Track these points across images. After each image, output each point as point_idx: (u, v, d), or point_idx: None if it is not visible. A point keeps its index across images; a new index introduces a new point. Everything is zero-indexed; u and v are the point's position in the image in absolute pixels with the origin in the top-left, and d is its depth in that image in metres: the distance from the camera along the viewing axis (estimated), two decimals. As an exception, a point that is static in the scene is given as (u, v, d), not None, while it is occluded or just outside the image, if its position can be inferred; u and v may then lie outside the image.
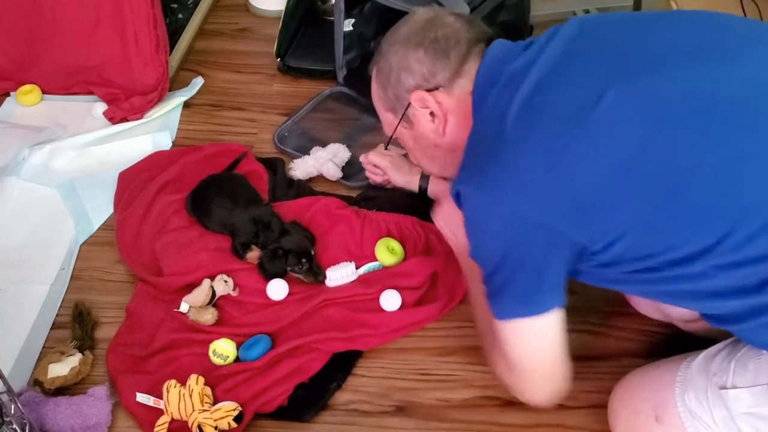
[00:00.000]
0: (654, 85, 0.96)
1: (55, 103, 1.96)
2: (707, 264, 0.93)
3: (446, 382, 1.33)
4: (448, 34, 1.12)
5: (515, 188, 0.97)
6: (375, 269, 1.49)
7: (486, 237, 1.04)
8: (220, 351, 1.34)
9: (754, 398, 0.98)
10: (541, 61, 1.02)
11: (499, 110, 1.02)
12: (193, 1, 2.26)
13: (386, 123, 1.25)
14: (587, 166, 0.94)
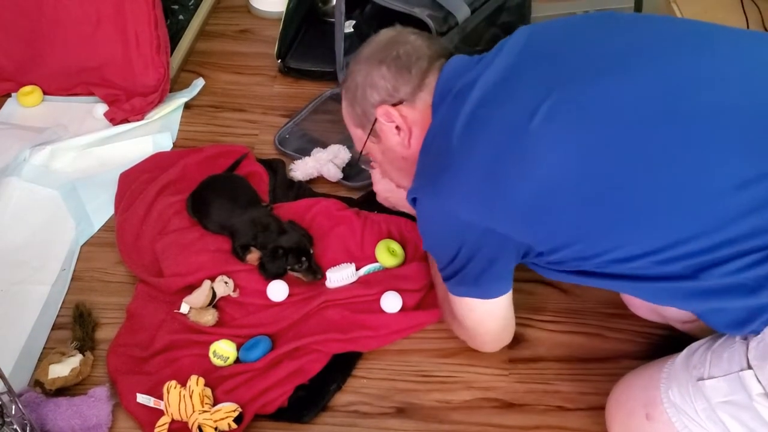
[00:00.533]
0: (587, 94, 1.00)
1: (56, 104, 1.96)
2: (648, 260, 0.98)
3: (446, 383, 1.33)
4: (410, 51, 1.18)
5: (462, 198, 1.05)
6: (375, 270, 1.49)
7: (437, 239, 1.15)
8: (221, 352, 1.34)
9: (729, 386, 1.00)
10: (487, 75, 1.08)
11: (448, 122, 1.08)
12: (194, 3, 2.26)
13: (357, 139, 1.29)
14: (525, 177, 1.00)
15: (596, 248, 1.02)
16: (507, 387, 1.32)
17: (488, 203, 1.04)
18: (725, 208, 0.93)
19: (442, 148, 1.09)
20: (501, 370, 1.34)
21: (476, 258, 1.11)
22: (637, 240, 0.98)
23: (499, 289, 1.17)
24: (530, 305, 1.44)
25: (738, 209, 0.93)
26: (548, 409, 1.29)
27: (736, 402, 0.99)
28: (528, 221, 1.03)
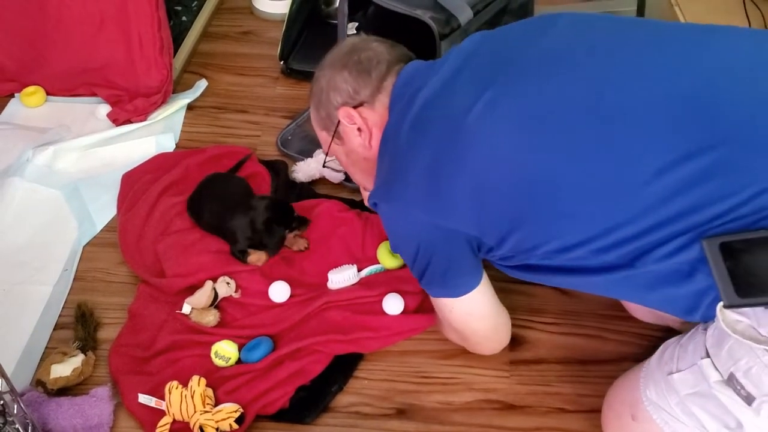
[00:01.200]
0: (522, 91, 1.04)
1: (59, 105, 1.96)
2: (585, 250, 1.02)
3: (447, 385, 1.33)
4: (371, 56, 1.22)
5: (411, 200, 1.11)
6: (377, 272, 1.49)
7: (399, 238, 1.22)
8: (222, 353, 1.34)
9: (694, 377, 1.02)
10: (434, 79, 1.13)
11: (397, 127, 1.14)
12: (197, 4, 2.27)
13: (322, 142, 1.32)
14: (461, 171, 1.05)
15: (534, 239, 1.06)
16: (508, 389, 1.32)
17: (434, 201, 1.09)
18: (647, 194, 0.95)
19: (392, 152, 1.15)
20: (502, 372, 1.34)
21: (435, 256, 1.16)
22: (570, 230, 1.02)
23: (466, 285, 1.19)
24: (531, 307, 1.45)
25: (659, 195, 0.95)
26: (549, 410, 1.29)
27: (701, 392, 1.01)
28: (470, 214, 1.08)
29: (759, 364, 0.93)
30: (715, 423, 1.00)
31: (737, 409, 0.96)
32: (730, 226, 0.92)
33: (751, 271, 0.92)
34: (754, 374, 0.93)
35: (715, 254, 0.92)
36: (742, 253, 0.91)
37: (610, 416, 1.20)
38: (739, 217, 0.92)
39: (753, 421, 0.95)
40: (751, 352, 0.94)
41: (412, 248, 1.17)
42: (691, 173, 0.93)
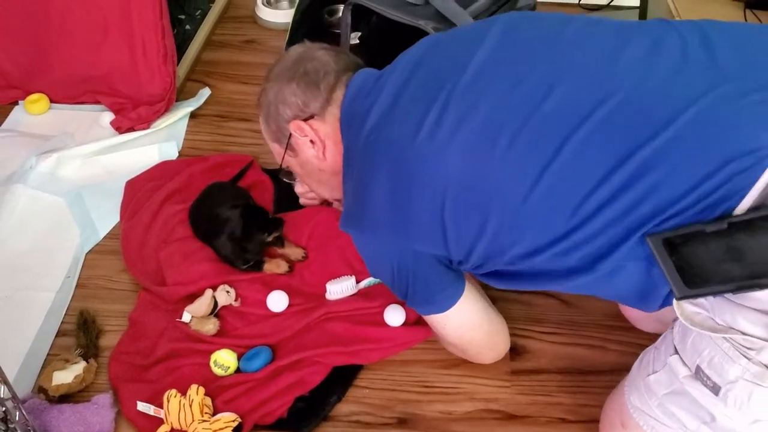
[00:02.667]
0: (466, 111, 1.03)
1: (63, 112, 1.97)
2: (548, 254, 1.02)
3: (449, 394, 1.33)
4: (317, 67, 1.22)
5: (379, 228, 1.13)
6: (375, 284, 1.48)
7: (374, 264, 1.23)
8: (222, 362, 1.34)
9: (668, 376, 1.04)
10: (383, 96, 1.12)
11: (352, 151, 1.16)
12: (200, 13, 2.28)
13: (275, 153, 1.33)
14: (423, 201, 1.06)
15: (497, 247, 1.06)
16: (509, 398, 1.32)
17: (401, 229, 1.11)
18: (593, 200, 0.96)
19: (354, 178, 1.16)
20: (503, 382, 1.34)
21: (412, 277, 1.17)
22: (529, 236, 1.03)
23: (449, 299, 1.20)
24: (532, 317, 1.45)
25: (603, 200, 0.96)
26: (550, 420, 1.30)
27: (676, 391, 1.02)
28: (436, 235, 1.08)
29: (719, 353, 0.95)
30: (694, 420, 1.01)
31: (707, 401, 0.98)
32: (672, 222, 0.93)
33: (694, 263, 0.93)
34: (717, 363, 0.95)
35: (661, 250, 0.94)
36: (682, 247, 0.93)
37: (605, 425, 1.22)
38: (679, 212, 0.93)
39: (722, 411, 0.97)
40: (711, 343, 0.96)
41: (388, 272, 1.19)
42: (626, 176, 0.94)
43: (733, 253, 0.90)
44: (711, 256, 0.91)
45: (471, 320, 1.26)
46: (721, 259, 0.91)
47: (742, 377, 0.93)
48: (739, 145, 0.89)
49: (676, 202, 0.92)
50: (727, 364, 0.94)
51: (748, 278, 0.89)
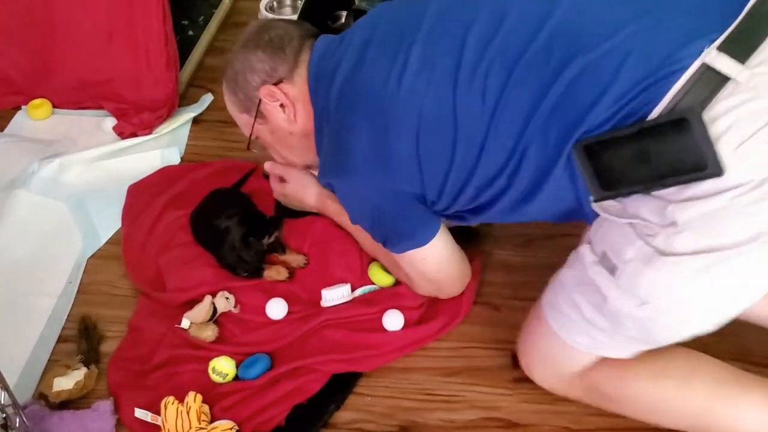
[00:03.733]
0: (430, 55, 1.12)
1: (66, 118, 1.97)
2: (504, 180, 1.14)
3: (450, 402, 1.33)
4: (281, 34, 1.29)
5: (360, 173, 1.22)
6: (371, 291, 1.48)
7: (354, 209, 1.31)
8: (220, 369, 1.34)
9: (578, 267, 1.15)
10: (348, 54, 1.20)
11: (325, 107, 1.23)
12: (203, 19, 2.28)
13: (243, 124, 1.38)
14: (401, 140, 1.15)
15: (464, 175, 1.16)
16: (511, 406, 1.32)
17: (382, 170, 1.19)
18: (533, 123, 1.08)
19: (329, 133, 1.23)
20: (505, 390, 1.34)
21: (392, 216, 1.27)
22: (490, 159, 1.13)
23: (429, 231, 1.29)
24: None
25: (541, 120, 1.07)
26: (553, 429, 1.29)
27: (581, 281, 1.12)
28: (414, 173, 1.18)
29: (623, 237, 1.06)
30: (590, 307, 1.11)
31: (603, 283, 1.08)
32: (595, 132, 1.03)
33: (609, 167, 1.04)
34: (618, 245, 1.07)
35: (582, 157, 1.05)
36: (600, 153, 1.03)
37: (524, 326, 1.31)
38: (601, 122, 1.03)
39: (615, 294, 1.07)
40: (617, 229, 1.07)
41: (368, 214, 1.29)
42: (557, 95, 1.05)
43: (642, 155, 1.00)
44: (623, 160, 1.02)
45: (447, 251, 1.34)
46: (632, 162, 1.01)
47: (634, 258, 1.04)
48: (655, 59, 1.00)
49: (598, 113, 1.02)
50: (626, 246, 1.05)
51: (655, 179, 1.00)
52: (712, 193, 0.97)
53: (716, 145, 0.95)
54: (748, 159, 0.95)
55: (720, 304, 1.04)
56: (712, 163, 0.95)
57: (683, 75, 0.98)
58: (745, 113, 0.95)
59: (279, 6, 2.37)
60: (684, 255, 1.00)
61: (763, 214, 0.96)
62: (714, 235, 0.98)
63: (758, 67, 0.96)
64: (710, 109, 0.96)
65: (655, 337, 1.11)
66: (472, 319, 1.44)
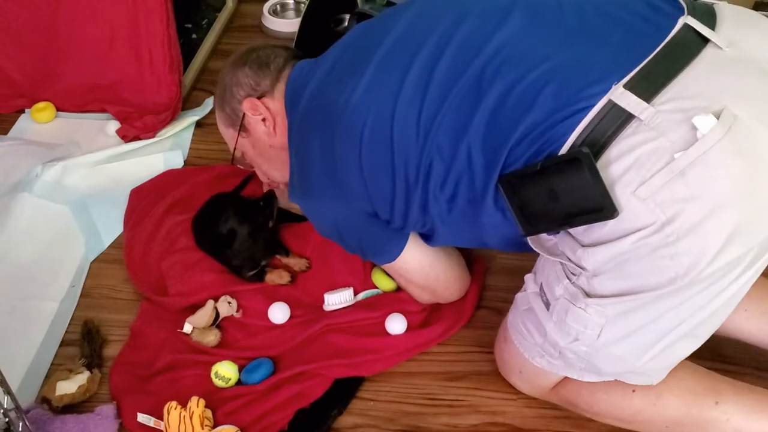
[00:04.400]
0: (382, 79, 1.14)
1: (69, 121, 1.97)
2: (442, 203, 1.14)
3: (454, 407, 1.32)
4: (268, 52, 1.35)
5: (317, 192, 1.25)
6: (373, 295, 1.48)
7: (321, 227, 1.35)
8: (222, 373, 1.34)
9: (526, 294, 1.18)
10: (318, 74, 1.24)
11: (293, 123, 1.26)
12: (207, 22, 2.29)
13: (229, 139, 1.41)
14: (347, 155, 1.17)
15: (407, 199, 1.17)
16: (515, 411, 1.31)
17: (333, 188, 1.22)
18: (462, 150, 1.09)
19: (295, 150, 1.27)
20: (509, 395, 1.33)
21: (357, 233, 1.30)
22: (420, 193, 1.15)
23: (397, 246, 1.31)
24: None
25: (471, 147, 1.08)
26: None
27: (529, 307, 1.15)
28: (361, 190, 1.19)
29: (553, 274, 1.08)
30: (538, 334, 1.13)
31: (543, 316, 1.11)
32: (514, 166, 1.04)
33: (528, 203, 1.04)
34: (550, 282, 1.09)
35: (507, 191, 1.05)
36: (520, 189, 1.04)
37: (497, 340, 1.33)
38: (516, 158, 1.03)
39: (551, 326, 1.09)
40: (551, 265, 1.09)
41: (335, 233, 1.32)
42: (483, 122, 1.05)
43: (551, 193, 1.00)
44: (538, 197, 1.02)
45: (428, 258, 1.34)
46: (545, 200, 1.02)
47: (563, 295, 1.06)
48: (566, 93, 1.00)
49: (514, 145, 1.03)
50: (555, 283, 1.07)
51: (564, 217, 1.00)
52: (616, 236, 0.96)
53: (615, 186, 0.95)
54: (648, 201, 0.93)
55: (651, 344, 1.05)
56: (607, 204, 0.94)
57: (590, 112, 0.97)
58: (646, 154, 0.94)
59: (282, 10, 2.38)
60: (606, 297, 1.01)
61: (672, 259, 0.94)
62: (629, 279, 0.98)
63: (663, 105, 0.95)
64: (613, 147, 0.96)
65: (601, 369, 1.11)
66: (475, 324, 1.44)
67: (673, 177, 0.92)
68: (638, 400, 1.16)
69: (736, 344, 1.29)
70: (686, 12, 1.03)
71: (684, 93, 0.96)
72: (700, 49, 1.00)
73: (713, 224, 0.92)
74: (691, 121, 0.92)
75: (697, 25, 1.01)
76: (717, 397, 1.13)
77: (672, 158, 0.92)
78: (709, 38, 1.01)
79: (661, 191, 0.93)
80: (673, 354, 1.09)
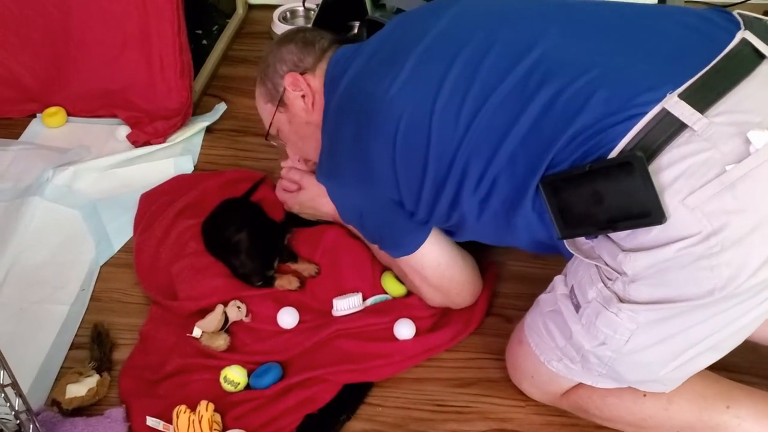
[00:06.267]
0: (424, 72, 1.15)
1: (80, 126, 1.98)
2: (473, 201, 1.15)
3: (462, 414, 1.32)
4: (314, 34, 1.38)
5: (345, 175, 1.28)
6: (383, 301, 1.48)
7: (344, 211, 1.37)
8: (231, 378, 1.34)
9: (552, 294, 1.18)
10: (357, 61, 1.25)
11: (328, 107, 1.28)
12: (217, 28, 2.30)
13: (266, 114, 1.43)
14: (378, 142, 1.18)
15: (437, 191, 1.18)
16: (524, 419, 1.31)
17: (361, 172, 1.24)
18: (502, 153, 1.10)
19: (327, 132, 1.29)
20: (518, 402, 1.33)
21: (378, 222, 1.32)
22: (453, 180, 1.15)
23: (416, 240, 1.31)
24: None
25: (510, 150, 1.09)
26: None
27: (555, 309, 1.14)
28: (390, 177, 1.21)
29: (587, 276, 1.08)
30: (561, 337, 1.13)
31: (570, 318, 1.10)
32: (558, 168, 1.04)
33: (570, 205, 1.04)
34: (583, 284, 1.08)
35: (548, 193, 1.05)
36: (562, 191, 1.04)
37: (510, 342, 1.32)
38: (563, 158, 1.04)
39: (578, 329, 1.09)
40: (585, 267, 1.09)
41: (357, 218, 1.35)
42: (527, 125, 1.06)
43: (596, 196, 1.00)
44: (581, 199, 1.02)
45: (444, 257, 1.35)
46: (588, 203, 1.02)
47: (596, 299, 1.05)
48: (617, 101, 1.00)
49: (561, 148, 1.03)
50: (588, 286, 1.07)
51: (608, 221, 1.00)
52: (659, 243, 0.97)
53: (664, 193, 0.95)
54: (696, 211, 0.94)
55: (678, 354, 1.05)
56: (656, 210, 0.95)
57: (643, 119, 0.98)
58: (697, 164, 0.94)
59: (292, 17, 2.39)
60: (640, 304, 1.01)
61: (712, 270, 0.94)
62: (667, 287, 0.99)
63: (717, 117, 0.96)
64: (664, 155, 0.96)
65: (623, 376, 1.11)
66: (484, 330, 1.44)
67: (723, 188, 0.93)
68: (649, 405, 1.16)
69: (743, 353, 1.28)
70: (743, 27, 1.04)
71: (738, 107, 0.97)
72: (756, 64, 1.01)
73: (757, 238, 0.93)
74: (743, 134, 0.93)
75: (755, 40, 1.02)
76: (728, 401, 1.13)
77: (723, 170, 0.93)
78: (766, 55, 1.01)
79: (710, 202, 0.93)
80: (695, 365, 1.08)
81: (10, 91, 1.99)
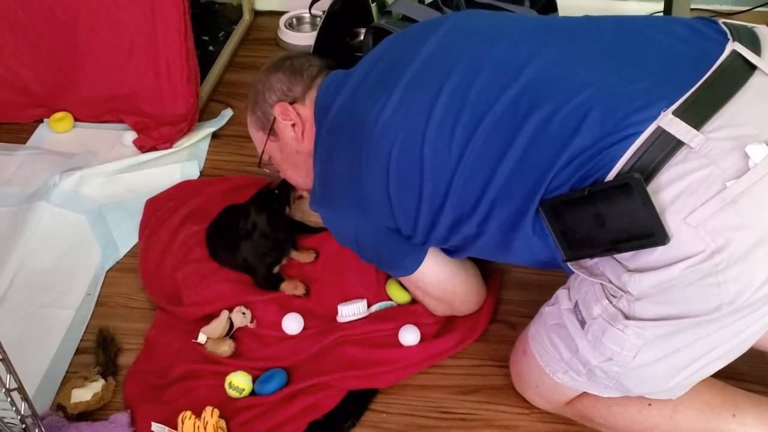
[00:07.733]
0: (411, 98, 1.14)
1: (87, 131, 1.99)
2: (471, 224, 1.15)
3: (466, 421, 1.32)
4: (302, 60, 1.36)
5: (338, 203, 1.27)
6: (387, 307, 1.48)
7: (340, 236, 1.36)
8: (236, 384, 1.34)
9: (556, 308, 1.17)
10: (346, 88, 1.24)
11: (319, 135, 1.28)
12: (223, 34, 2.31)
13: (258, 142, 1.42)
14: (372, 172, 1.18)
15: (433, 215, 1.17)
16: (528, 426, 1.31)
17: (354, 201, 1.23)
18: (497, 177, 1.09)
19: (319, 160, 1.28)
20: (522, 409, 1.33)
21: (374, 246, 1.31)
22: (454, 203, 1.14)
23: (414, 262, 1.31)
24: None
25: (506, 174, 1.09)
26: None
27: (559, 323, 1.14)
28: (384, 206, 1.20)
29: (591, 293, 1.08)
30: (566, 350, 1.13)
31: (576, 333, 1.10)
32: (558, 191, 1.04)
33: (572, 228, 1.04)
34: (587, 301, 1.08)
35: (549, 216, 1.05)
36: (563, 214, 1.04)
37: (515, 352, 1.32)
38: (561, 182, 1.03)
39: (584, 345, 1.09)
40: (590, 284, 1.08)
41: (353, 244, 1.33)
42: (521, 147, 1.05)
43: (598, 218, 1.00)
44: (583, 222, 1.02)
45: (445, 272, 1.35)
46: (590, 225, 1.02)
47: (601, 315, 1.05)
48: (611, 121, 1.00)
49: (558, 171, 1.03)
50: (593, 303, 1.07)
51: (611, 243, 1.00)
52: (664, 263, 0.96)
53: (665, 213, 0.95)
54: (698, 229, 0.93)
55: (685, 366, 1.05)
56: (658, 230, 0.94)
57: (638, 138, 0.97)
58: (697, 181, 0.94)
59: (298, 23, 2.40)
60: (647, 321, 1.01)
61: (719, 287, 0.94)
62: (673, 305, 0.98)
63: (713, 133, 0.95)
64: (662, 174, 0.96)
65: (630, 388, 1.11)
66: (489, 338, 1.44)
67: (725, 205, 0.92)
68: (655, 414, 1.15)
69: (750, 361, 1.27)
70: (732, 38, 1.04)
71: (734, 121, 0.96)
72: (748, 76, 1.00)
73: (762, 253, 0.93)
74: (741, 149, 0.93)
75: (745, 52, 1.01)
76: (734, 409, 1.13)
77: (723, 186, 0.92)
78: (756, 65, 1.01)
79: (712, 219, 0.93)
80: (702, 374, 1.08)
81: (17, 96, 2.00)
